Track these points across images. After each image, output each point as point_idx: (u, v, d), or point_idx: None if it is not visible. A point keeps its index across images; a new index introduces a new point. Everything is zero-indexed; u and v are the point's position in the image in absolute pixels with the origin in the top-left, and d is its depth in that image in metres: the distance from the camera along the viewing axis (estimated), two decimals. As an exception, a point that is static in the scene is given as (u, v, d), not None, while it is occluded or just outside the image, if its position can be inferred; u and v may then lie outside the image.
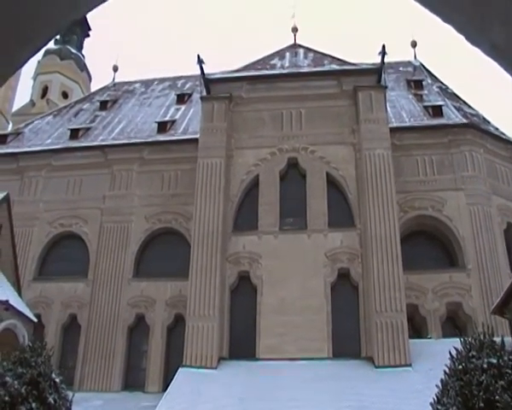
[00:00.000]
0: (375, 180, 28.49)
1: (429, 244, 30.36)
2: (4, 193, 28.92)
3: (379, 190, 28.22)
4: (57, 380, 13.82)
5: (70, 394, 14.28)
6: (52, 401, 13.26)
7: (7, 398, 12.85)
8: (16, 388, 13.01)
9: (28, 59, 2.92)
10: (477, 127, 32.41)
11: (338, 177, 29.44)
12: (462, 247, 29.13)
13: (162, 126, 36.54)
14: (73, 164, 35.06)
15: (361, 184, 28.79)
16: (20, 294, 28.24)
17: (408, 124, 32.93)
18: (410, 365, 24.65)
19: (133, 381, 29.24)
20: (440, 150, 31.61)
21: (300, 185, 29.69)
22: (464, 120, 32.62)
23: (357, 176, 29.19)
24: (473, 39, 2.66)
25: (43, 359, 13.93)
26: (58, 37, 57.49)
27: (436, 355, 18.97)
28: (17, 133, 40.98)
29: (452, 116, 33.17)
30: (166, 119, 37.85)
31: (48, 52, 58.19)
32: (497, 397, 11.52)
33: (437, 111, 33.72)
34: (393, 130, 31.10)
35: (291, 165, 30.40)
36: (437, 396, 12.83)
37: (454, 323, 27.92)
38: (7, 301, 25.62)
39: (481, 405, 11.48)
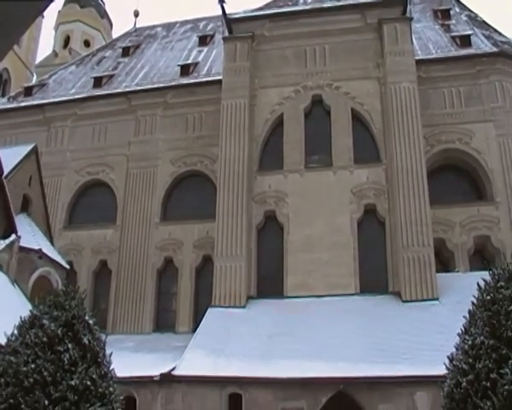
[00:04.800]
0: (400, 114, 28.02)
1: (456, 178, 29.80)
2: (32, 145, 29.20)
3: (405, 124, 27.78)
4: (90, 322, 14.02)
5: (103, 335, 14.51)
6: (87, 342, 13.50)
7: (45, 339, 13.16)
8: (53, 329, 13.27)
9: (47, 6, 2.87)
10: (508, 55, 31.21)
11: (363, 112, 29.04)
12: (491, 179, 28.54)
13: (185, 69, 36.20)
14: (98, 112, 35.08)
15: (386, 118, 28.36)
16: (51, 242, 28.74)
17: (434, 55, 31.98)
18: (437, 298, 24.58)
19: (164, 322, 29.70)
20: (468, 81, 30.72)
21: (325, 122, 29.37)
22: (494, 49, 31.48)
23: (382, 110, 28.75)
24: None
25: (77, 302, 14.12)
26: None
27: (464, 289, 18.78)
28: (41, 85, 41.08)
29: (481, 45, 32.11)
30: (189, 61, 37.45)
31: (68, 1, 57.87)
32: (525, 326, 11.40)
33: (465, 41, 32.65)
34: (419, 62, 30.38)
35: (315, 102, 30.03)
36: (464, 327, 12.69)
37: (482, 256, 27.54)
38: (40, 250, 26.16)
39: (509, 334, 11.32)
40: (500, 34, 34.42)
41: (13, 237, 24.65)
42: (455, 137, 29.58)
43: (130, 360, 22.42)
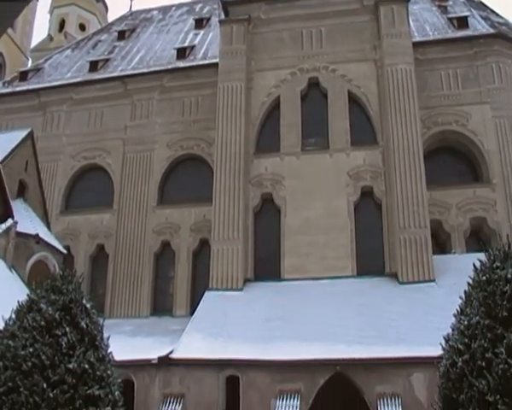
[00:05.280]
0: (397, 96, 28.01)
1: (453, 160, 29.81)
2: (28, 130, 29.08)
3: (401, 107, 27.77)
4: (88, 306, 14.08)
5: (101, 319, 14.57)
6: (84, 326, 13.56)
7: (42, 323, 13.21)
8: (50, 313, 13.32)
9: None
10: (505, 37, 31.09)
11: (360, 94, 29.03)
12: (487, 161, 28.56)
13: (181, 53, 36.01)
14: (94, 96, 34.95)
15: (383, 100, 28.34)
16: (48, 227, 28.72)
17: (431, 37, 31.83)
18: (433, 280, 24.69)
19: (161, 306, 29.78)
20: (465, 63, 30.63)
21: (322, 105, 29.35)
22: (491, 30, 31.36)
23: (379, 93, 28.74)
24: None
25: (74, 286, 14.17)
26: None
27: (460, 270, 18.77)
28: (37, 69, 40.83)
29: (479, 27, 31.96)
30: (185, 45, 37.26)
31: (62, -16, 57.40)
32: (520, 306, 11.45)
33: (462, 22, 32.48)
34: (416, 44, 30.31)
35: (312, 84, 29.99)
36: (460, 308, 12.76)
37: (478, 238, 27.62)
38: (37, 235, 26.12)
39: (504, 314, 11.38)
40: (497, 15, 34.30)
41: (9, 221, 24.62)
42: (451, 119, 29.55)
43: (127, 343, 22.52)
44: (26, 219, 26.15)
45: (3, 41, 47.58)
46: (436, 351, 13.39)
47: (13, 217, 24.94)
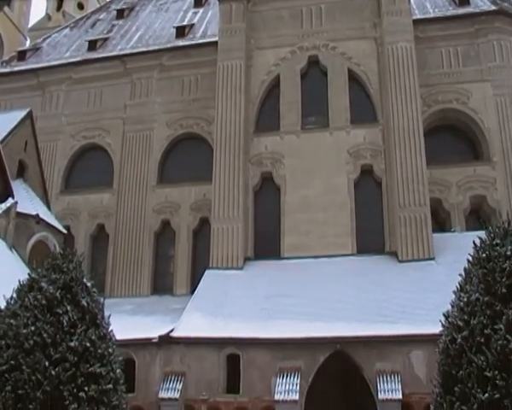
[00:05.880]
0: (397, 74, 27.95)
1: (453, 138, 29.70)
2: (27, 110, 28.92)
3: (402, 85, 27.72)
4: (88, 284, 14.14)
5: (101, 298, 14.63)
6: (85, 304, 13.61)
7: (44, 302, 13.26)
8: (51, 292, 13.37)
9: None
10: (507, 13, 30.78)
11: (359, 72, 28.95)
12: (488, 139, 28.47)
13: (180, 31, 35.75)
14: (93, 76, 34.76)
15: (383, 78, 28.27)
16: (48, 207, 28.68)
17: (432, 15, 31.53)
18: (433, 258, 24.79)
19: (162, 285, 29.84)
20: (466, 41, 30.41)
21: (322, 83, 29.26)
22: (493, 7, 30.99)
23: (379, 71, 28.67)
24: None
25: (74, 265, 14.21)
26: None
27: (460, 248, 18.80)
28: (35, 49, 40.57)
29: (480, 4, 31.65)
30: (184, 23, 36.99)
31: (60, -39, 56.71)
32: (520, 282, 11.48)
33: (463, -1, 32.30)
34: (417, 22, 30.12)
35: (312, 63, 29.89)
36: (460, 285, 12.79)
37: (478, 216, 27.65)
38: (37, 215, 26.08)
39: (504, 290, 11.42)
40: (500, -9, 33.97)
41: (10, 202, 24.58)
42: (452, 97, 29.42)
43: (128, 322, 22.59)
44: (26, 200, 26.11)
45: (1, 20, 47.25)
46: (436, 328, 13.43)
47: (13, 197, 24.92)
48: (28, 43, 48.96)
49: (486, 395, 10.64)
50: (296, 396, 20.14)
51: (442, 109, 29.50)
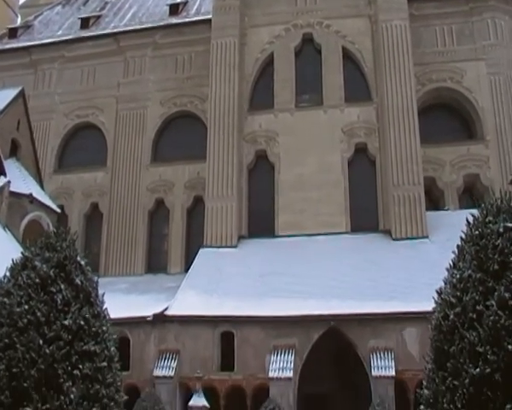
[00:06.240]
0: (392, 52, 27.88)
1: (447, 117, 29.68)
2: (19, 88, 28.64)
3: (396, 63, 27.66)
4: (82, 263, 14.04)
5: (95, 276, 14.59)
6: (79, 283, 13.46)
7: (37, 280, 13.16)
8: (45, 271, 13.21)
9: None
10: (502, -9, 30.79)
11: (354, 50, 28.86)
12: (481, 118, 28.46)
13: (174, 9, 35.42)
14: (86, 54, 34.47)
15: (378, 56, 28.20)
16: (42, 186, 28.53)
17: (427, -8, 31.42)
18: (427, 236, 24.91)
19: (156, 264, 29.91)
20: (460, 19, 30.28)
21: (316, 61, 29.17)
22: (487, -15, 30.97)
23: (373, 49, 28.59)
24: None
25: (68, 243, 14.11)
26: None
27: (453, 226, 18.76)
28: (27, 26, 40.12)
29: (475, -19, 31.53)
30: (178, 1, 36.49)
31: None
32: (511, 259, 11.52)
33: (458, -23, 32.04)
34: (411, -1, 29.95)
35: (306, 40, 29.77)
36: (453, 262, 12.81)
37: (471, 194, 27.75)
38: (30, 194, 25.94)
39: (496, 267, 11.43)
40: (495, -31, 33.69)
41: (3, 181, 24.43)
42: (446, 76, 29.37)
43: (123, 301, 22.57)
44: (19, 179, 25.96)
45: (-9, -3, 46.67)
46: (429, 306, 13.43)
47: (5, 176, 24.78)
48: (19, 20, 48.28)
49: (478, 369, 10.66)
50: (290, 374, 20.31)
51: (436, 88, 29.46)
